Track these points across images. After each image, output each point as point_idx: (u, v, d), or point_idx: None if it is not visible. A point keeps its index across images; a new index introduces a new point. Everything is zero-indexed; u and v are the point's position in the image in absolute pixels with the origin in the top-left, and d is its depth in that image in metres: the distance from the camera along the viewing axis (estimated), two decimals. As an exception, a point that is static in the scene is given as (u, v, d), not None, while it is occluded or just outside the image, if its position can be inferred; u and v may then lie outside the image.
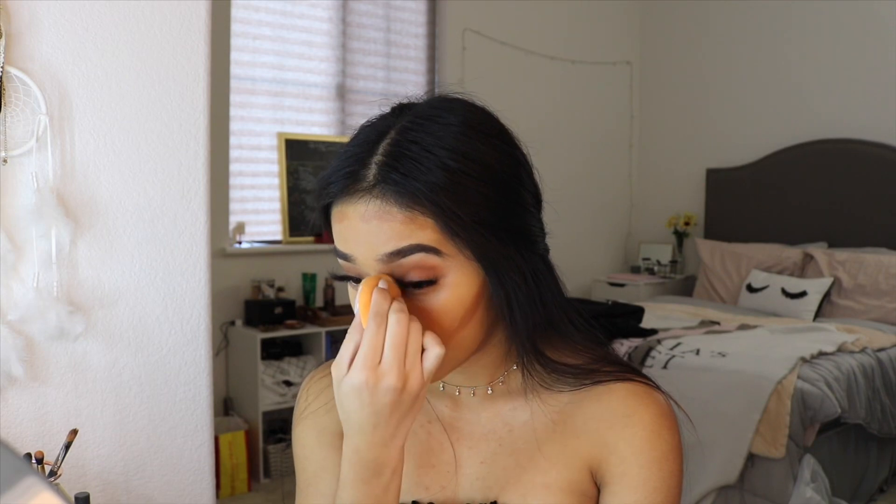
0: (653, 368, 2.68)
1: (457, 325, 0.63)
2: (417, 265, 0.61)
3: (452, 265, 0.62)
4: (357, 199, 0.62)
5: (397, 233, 0.60)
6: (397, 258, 0.61)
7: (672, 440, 0.67)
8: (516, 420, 0.71)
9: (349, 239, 0.63)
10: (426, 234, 0.61)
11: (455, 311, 0.62)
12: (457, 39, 4.00)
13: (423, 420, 0.73)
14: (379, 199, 0.61)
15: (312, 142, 3.54)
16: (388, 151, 0.62)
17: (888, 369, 2.81)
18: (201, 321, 1.48)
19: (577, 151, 4.53)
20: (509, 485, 0.69)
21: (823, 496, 2.33)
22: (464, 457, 0.71)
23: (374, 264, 0.62)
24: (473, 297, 0.63)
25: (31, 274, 1.27)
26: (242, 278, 3.29)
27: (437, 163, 0.61)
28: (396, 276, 0.62)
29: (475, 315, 0.64)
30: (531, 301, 0.65)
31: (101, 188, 1.36)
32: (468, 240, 0.61)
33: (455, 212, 0.60)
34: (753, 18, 4.27)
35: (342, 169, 0.63)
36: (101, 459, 1.37)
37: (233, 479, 2.94)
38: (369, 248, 0.61)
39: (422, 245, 0.60)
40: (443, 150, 0.61)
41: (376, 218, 0.61)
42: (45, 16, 1.28)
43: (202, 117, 1.46)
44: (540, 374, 0.69)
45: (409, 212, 0.60)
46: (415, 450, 0.72)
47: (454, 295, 0.62)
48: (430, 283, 0.62)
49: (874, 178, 3.68)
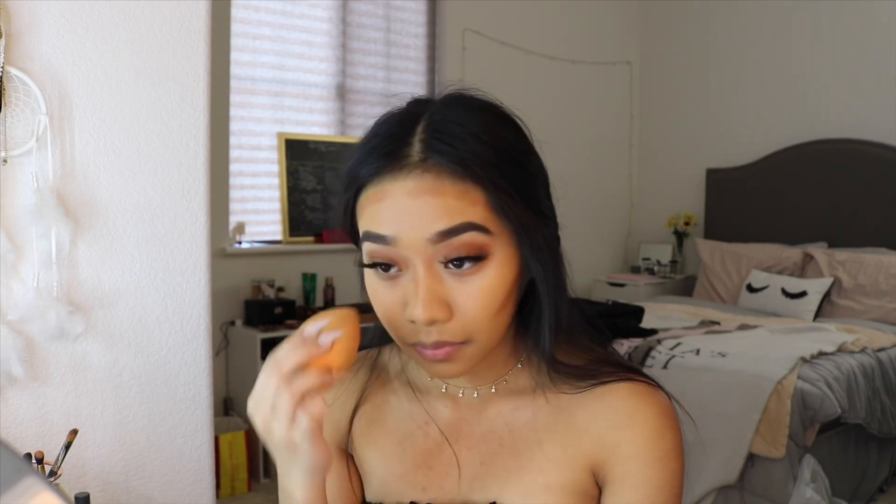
0: (653, 368, 2.67)
1: (498, 306, 0.61)
2: (467, 244, 0.59)
3: (498, 244, 0.61)
4: (404, 175, 0.60)
5: (450, 209, 0.59)
6: (448, 237, 0.59)
7: (674, 440, 0.67)
8: (517, 420, 0.70)
9: (391, 218, 0.60)
10: (477, 211, 0.60)
11: (499, 292, 0.61)
12: (457, 39, 4.00)
13: (421, 421, 0.73)
14: (431, 172, 0.59)
15: (312, 142, 3.54)
16: (429, 128, 0.61)
17: (888, 369, 2.81)
18: (201, 321, 1.48)
19: (577, 151, 4.53)
20: (510, 485, 0.68)
21: (823, 496, 2.33)
22: (463, 457, 0.71)
23: (422, 244, 0.59)
24: (513, 278, 0.62)
25: (31, 274, 1.27)
26: (242, 278, 3.29)
27: (477, 138, 0.60)
28: (441, 256, 0.60)
29: (511, 300, 0.63)
30: (559, 279, 0.65)
31: (101, 188, 1.36)
32: (515, 216, 0.61)
33: (506, 188, 0.60)
34: (753, 18, 4.27)
35: (379, 150, 0.61)
36: (101, 459, 1.37)
37: (233, 479, 2.94)
38: (418, 227, 0.59)
39: (474, 223, 0.59)
40: (477, 126, 0.61)
41: (428, 193, 0.59)
42: (45, 16, 1.28)
43: (202, 117, 1.46)
44: (543, 369, 0.69)
45: (462, 185, 0.59)
46: (412, 451, 0.72)
47: (499, 274, 0.61)
48: (479, 259, 0.60)
49: (874, 178, 3.68)
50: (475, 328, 0.61)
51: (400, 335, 0.64)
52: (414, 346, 0.63)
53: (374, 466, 0.74)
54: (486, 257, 0.60)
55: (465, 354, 0.63)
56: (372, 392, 0.76)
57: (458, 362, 0.63)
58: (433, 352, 0.62)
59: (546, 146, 0.68)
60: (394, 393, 0.76)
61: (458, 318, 0.61)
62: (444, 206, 0.59)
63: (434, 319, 0.60)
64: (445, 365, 0.63)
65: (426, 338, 0.61)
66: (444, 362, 0.63)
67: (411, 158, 0.60)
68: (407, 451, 0.72)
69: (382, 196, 0.60)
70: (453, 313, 0.61)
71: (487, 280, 0.61)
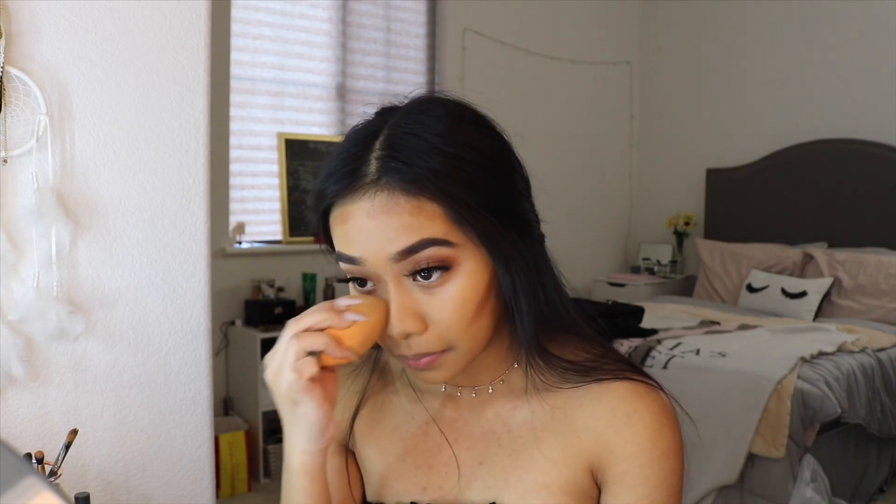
0: (653, 368, 2.67)
1: (472, 314, 0.62)
2: (429, 258, 0.60)
3: (464, 254, 0.62)
4: (361, 195, 0.61)
5: (407, 226, 0.60)
6: (409, 255, 0.60)
7: (673, 439, 0.67)
8: (516, 420, 0.70)
9: (356, 240, 0.61)
10: (435, 226, 0.60)
11: (470, 300, 0.62)
12: (457, 39, 4.00)
13: (421, 421, 0.73)
14: (385, 191, 0.60)
15: (312, 142, 3.54)
16: (385, 145, 0.62)
17: (888, 369, 2.81)
18: (201, 321, 1.48)
19: (577, 151, 4.53)
20: (509, 485, 0.68)
21: (823, 496, 2.33)
22: (462, 457, 0.71)
23: (385, 264, 0.61)
24: (486, 285, 0.63)
25: (31, 274, 1.27)
26: (242, 278, 3.29)
27: (435, 149, 0.60)
28: (406, 271, 0.61)
29: (487, 305, 0.64)
30: (534, 287, 0.65)
31: (101, 188, 1.36)
32: (476, 225, 0.61)
33: (461, 196, 0.60)
34: (753, 18, 4.26)
35: (340, 169, 0.63)
36: (101, 459, 1.37)
37: (233, 479, 2.94)
38: (379, 248, 0.60)
39: (433, 239, 0.60)
40: (437, 138, 0.61)
41: (384, 213, 0.60)
42: (45, 16, 1.28)
43: (202, 117, 1.46)
44: (542, 370, 0.69)
45: (417, 201, 0.60)
46: (412, 451, 0.72)
47: (468, 283, 0.62)
48: (445, 269, 0.61)
49: (874, 178, 3.68)
50: (452, 336, 0.62)
51: (386, 346, 0.66)
52: (400, 357, 0.65)
53: (375, 465, 0.74)
54: (451, 267, 0.61)
55: (448, 361, 0.64)
56: (374, 392, 0.77)
57: (442, 369, 0.64)
58: (415, 362, 0.64)
59: (546, 146, 0.68)
60: (395, 393, 0.76)
61: (433, 329, 0.62)
62: (400, 224, 0.59)
63: (408, 333, 0.61)
64: (430, 373, 0.65)
65: (406, 350, 0.63)
66: (428, 370, 0.64)
67: (367, 178, 0.61)
68: (407, 451, 0.72)
69: (346, 218, 0.62)
70: (428, 325, 0.62)
71: (457, 289, 0.61)
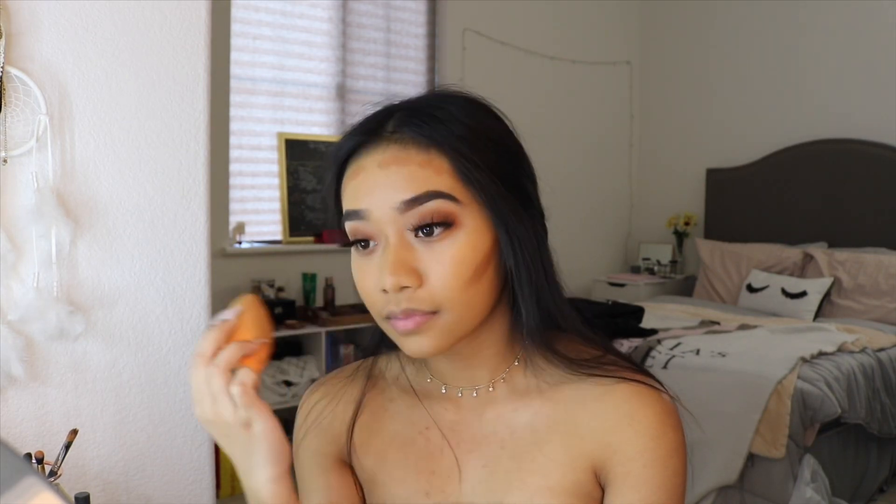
0: (653, 368, 2.67)
1: (468, 276, 0.62)
2: (433, 211, 0.61)
3: (468, 214, 0.62)
4: (374, 147, 0.63)
5: (415, 178, 0.61)
6: (414, 205, 0.61)
7: (676, 439, 0.67)
8: (518, 422, 0.69)
9: (365, 192, 0.62)
10: (443, 180, 0.62)
11: (469, 260, 0.62)
12: (457, 39, 4.00)
13: (421, 426, 0.72)
14: (398, 143, 0.63)
15: (312, 142, 3.54)
16: (405, 107, 0.65)
17: (888, 369, 2.81)
18: (201, 321, 1.48)
19: (577, 151, 4.53)
20: (513, 487, 0.68)
21: (823, 496, 2.33)
22: (464, 461, 0.70)
23: (391, 214, 0.61)
24: (486, 250, 0.63)
25: (31, 274, 1.27)
26: (242, 278, 3.29)
27: (453, 117, 0.63)
28: (409, 225, 0.62)
29: (485, 274, 0.63)
30: (535, 261, 0.65)
31: (101, 188, 1.36)
32: (482, 186, 0.62)
33: (471, 156, 0.62)
34: (753, 18, 4.27)
35: (359, 128, 0.65)
36: (101, 459, 1.37)
37: (233, 479, 2.94)
38: (386, 198, 0.61)
39: (438, 192, 0.61)
40: (457, 109, 0.64)
41: (394, 162, 0.62)
42: (45, 16, 1.28)
43: (202, 117, 1.46)
44: (543, 367, 0.68)
45: (427, 154, 0.62)
46: (413, 457, 0.71)
47: (469, 242, 0.62)
48: (447, 226, 0.61)
49: (874, 178, 3.68)
50: (444, 297, 0.61)
51: (376, 309, 0.64)
52: (388, 320, 0.63)
53: (376, 474, 0.73)
54: (453, 224, 0.62)
55: (436, 326, 0.62)
56: (370, 400, 0.76)
57: (428, 334, 0.62)
58: (403, 322, 0.62)
59: (546, 146, 0.70)
60: (391, 400, 0.75)
61: (428, 286, 0.61)
62: (409, 174, 0.61)
63: (402, 285, 0.60)
64: (417, 338, 0.63)
65: (396, 306, 0.62)
66: (414, 335, 0.62)
67: (384, 132, 0.64)
68: (409, 457, 0.71)
69: (358, 171, 0.63)
70: (423, 281, 0.61)
71: (457, 247, 0.62)
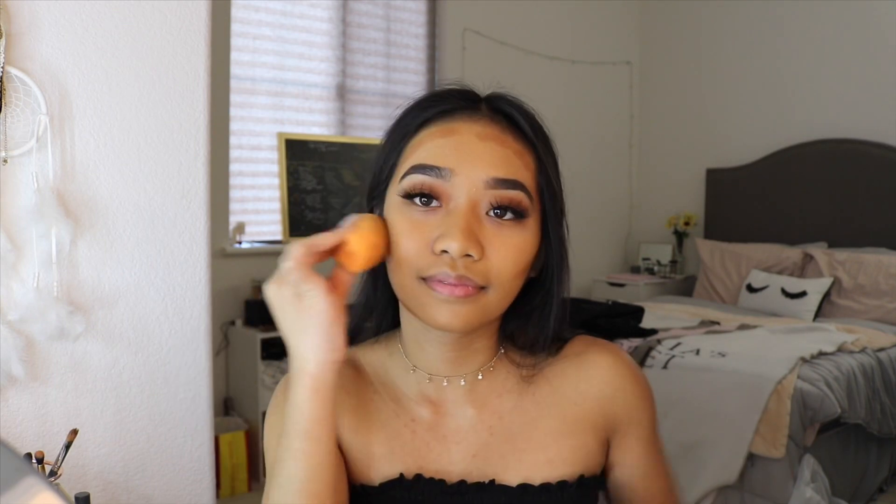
0: (653, 368, 2.67)
1: (519, 268, 0.64)
2: (513, 198, 0.63)
3: (533, 215, 0.65)
4: (474, 119, 0.64)
5: (511, 162, 0.63)
6: (502, 187, 0.62)
7: (643, 375, 0.77)
8: (505, 406, 0.71)
9: (455, 154, 0.62)
10: (528, 176, 0.64)
11: (524, 253, 0.64)
12: (457, 39, 4.00)
13: (407, 419, 0.71)
14: (498, 124, 0.65)
15: (312, 142, 3.54)
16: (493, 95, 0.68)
17: (888, 369, 2.81)
18: (201, 321, 1.48)
19: (577, 151, 4.53)
20: (509, 467, 0.69)
21: (823, 496, 2.33)
22: (453, 452, 0.70)
23: (477, 184, 0.62)
24: (535, 251, 0.66)
25: (31, 274, 1.27)
26: (242, 278, 3.29)
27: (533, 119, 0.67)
28: (487, 203, 0.63)
29: (525, 272, 0.66)
30: (564, 284, 0.69)
31: (101, 188, 1.36)
32: (551, 202, 0.66)
33: (552, 173, 0.66)
34: (753, 18, 4.26)
35: (450, 96, 0.66)
36: (101, 459, 1.37)
37: (233, 479, 2.94)
38: (479, 168, 0.62)
39: (524, 185, 0.63)
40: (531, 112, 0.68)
41: (494, 140, 0.63)
42: (45, 16, 1.28)
43: (202, 117, 1.46)
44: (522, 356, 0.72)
45: (522, 147, 0.65)
46: (400, 451, 0.70)
47: (528, 239, 0.64)
48: (518, 216, 0.63)
49: (874, 178, 3.68)
50: (497, 277, 0.63)
51: (419, 266, 0.62)
52: (428, 281, 0.62)
53: (360, 453, 0.72)
54: (525, 217, 0.64)
55: (479, 301, 0.62)
56: (354, 386, 0.74)
57: (468, 307, 0.62)
58: (453, 287, 0.61)
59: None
60: (375, 392, 0.74)
61: (486, 261, 0.62)
62: (506, 156, 0.63)
63: (468, 253, 0.60)
64: (456, 307, 0.62)
65: (452, 269, 0.61)
66: (455, 303, 0.61)
67: (482, 109, 0.66)
68: (395, 451, 0.70)
69: (449, 133, 0.64)
70: (483, 256, 0.62)
71: (521, 237, 0.64)
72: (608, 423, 0.73)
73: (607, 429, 0.74)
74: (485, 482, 0.68)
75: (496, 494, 0.68)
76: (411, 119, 0.66)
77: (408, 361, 0.72)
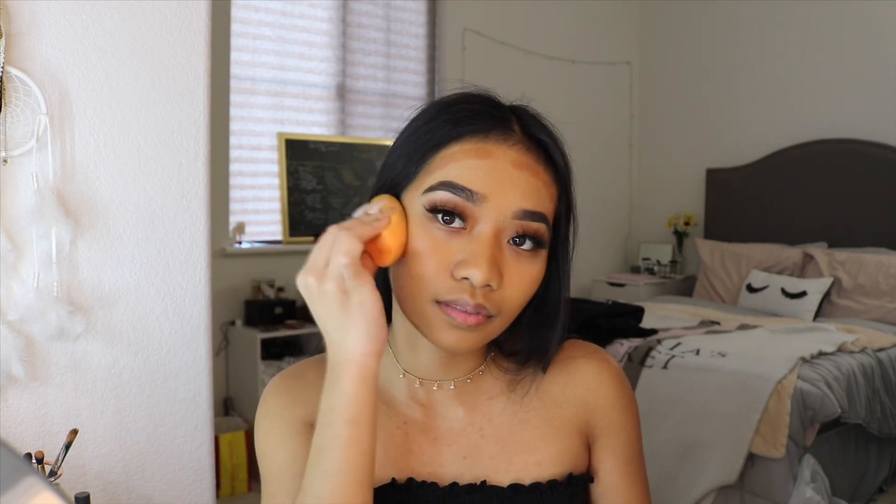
0: (653, 368, 2.67)
1: (530, 296, 0.65)
2: (535, 230, 0.63)
3: (547, 245, 0.65)
4: (509, 144, 0.63)
5: (540, 194, 0.63)
6: (529, 219, 0.62)
7: (627, 382, 0.76)
8: (494, 409, 0.72)
9: (488, 178, 0.61)
10: (550, 207, 0.64)
11: (535, 283, 0.64)
12: (457, 39, 4.00)
13: (399, 421, 0.71)
14: (532, 152, 0.64)
15: (312, 142, 3.54)
16: (519, 111, 0.67)
17: (888, 369, 2.81)
18: (201, 321, 1.48)
19: (577, 151, 4.49)
20: (500, 469, 0.69)
21: (823, 496, 2.33)
22: (445, 455, 0.70)
23: (504, 213, 0.61)
24: (542, 280, 0.66)
25: (31, 274, 1.27)
26: (242, 278, 3.29)
27: (559, 147, 0.66)
28: (511, 231, 0.62)
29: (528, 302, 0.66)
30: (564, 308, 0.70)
31: (101, 188, 1.36)
32: (564, 237, 0.66)
33: (569, 209, 0.66)
34: (753, 18, 4.27)
35: (484, 113, 0.64)
36: (101, 459, 1.37)
37: (233, 479, 2.94)
38: (510, 197, 0.61)
39: (547, 218, 0.63)
40: (557, 135, 0.67)
41: (528, 170, 0.63)
42: (45, 16, 1.28)
43: (202, 117, 1.46)
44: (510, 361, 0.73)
45: (550, 178, 0.64)
46: (392, 453, 0.70)
47: (541, 269, 0.65)
48: (537, 247, 0.63)
49: (874, 178, 3.68)
50: (507, 306, 0.63)
51: (437, 290, 0.61)
52: (442, 306, 0.61)
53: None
54: (542, 247, 0.64)
55: (486, 328, 0.63)
56: None
57: (476, 333, 0.62)
58: (467, 315, 0.61)
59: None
60: None
61: (501, 291, 0.62)
62: (536, 188, 0.63)
63: (489, 284, 0.60)
64: (464, 333, 0.62)
65: (472, 298, 0.60)
66: (466, 330, 0.62)
67: (515, 132, 0.64)
68: (387, 453, 0.70)
69: (485, 154, 0.62)
70: (501, 286, 0.62)
71: (535, 268, 0.64)
72: (589, 429, 0.74)
73: (589, 435, 0.74)
74: (476, 483, 0.69)
75: (487, 495, 0.68)
76: (442, 129, 0.63)
77: (398, 365, 0.72)
